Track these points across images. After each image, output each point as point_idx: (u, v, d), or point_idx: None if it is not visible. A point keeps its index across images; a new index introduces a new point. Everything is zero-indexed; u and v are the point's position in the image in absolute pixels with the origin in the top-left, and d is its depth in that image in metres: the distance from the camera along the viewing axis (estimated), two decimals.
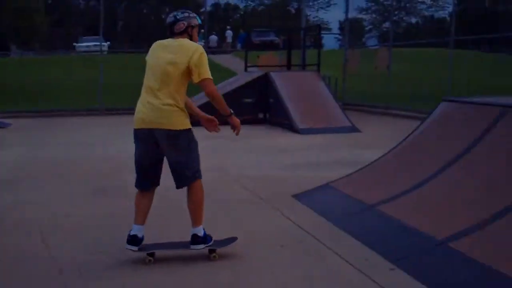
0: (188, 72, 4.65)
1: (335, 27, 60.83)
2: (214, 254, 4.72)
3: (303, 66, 17.75)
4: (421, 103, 15.59)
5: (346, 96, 19.89)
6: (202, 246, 4.68)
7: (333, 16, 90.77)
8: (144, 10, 68.33)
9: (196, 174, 4.68)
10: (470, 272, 4.18)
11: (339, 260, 4.66)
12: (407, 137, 7.01)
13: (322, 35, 17.45)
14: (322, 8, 58.59)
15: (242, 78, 16.94)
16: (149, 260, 4.64)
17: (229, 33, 39.23)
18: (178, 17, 4.74)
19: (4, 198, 7.02)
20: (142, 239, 4.69)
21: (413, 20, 56.97)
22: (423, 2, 53.84)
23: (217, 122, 5.12)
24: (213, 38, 37.41)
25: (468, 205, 4.98)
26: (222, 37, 40.77)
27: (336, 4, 55.08)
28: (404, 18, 55.47)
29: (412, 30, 54.97)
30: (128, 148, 5.63)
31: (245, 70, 18.39)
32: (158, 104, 4.57)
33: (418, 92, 18.65)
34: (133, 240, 4.64)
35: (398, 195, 5.74)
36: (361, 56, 20.74)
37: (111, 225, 5.68)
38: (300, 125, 13.31)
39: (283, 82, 15.06)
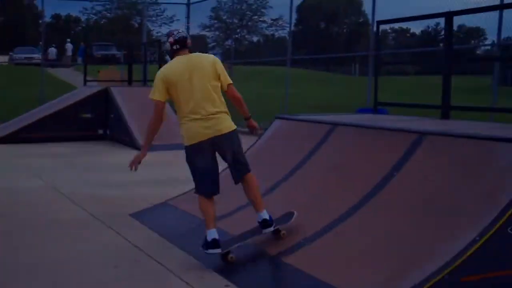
0: (218, 79, 5.03)
1: None
2: (283, 232, 5.05)
3: (144, 82, 17.58)
4: (261, 119, 16.01)
5: None
6: (272, 228, 5.01)
7: None
8: None
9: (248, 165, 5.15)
10: (300, 283, 4.31)
11: (175, 279, 4.61)
12: (244, 153, 7.12)
13: (164, 50, 17.45)
14: (165, 23, 58.56)
15: (81, 92, 16.44)
16: (231, 258, 4.81)
17: (69, 46, 37.95)
18: (186, 34, 5.15)
19: None
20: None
21: (255, 39, 58.59)
22: (264, 21, 55.58)
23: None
24: (52, 50, 36.08)
25: (299, 220, 5.15)
26: (62, 50, 39.35)
27: (179, 20, 55.32)
28: (246, 36, 56.91)
29: (254, 48, 56.56)
30: None
31: (84, 84, 17.88)
32: (212, 114, 4.93)
33: (259, 109, 19.15)
34: (215, 243, 4.79)
35: (235, 211, 5.81)
36: None
37: None
38: (141, 141, 13.10)
39: (124, 97, 14.79)
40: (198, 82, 4.91)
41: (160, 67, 16.28)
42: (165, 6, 55.26)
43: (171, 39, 5.03)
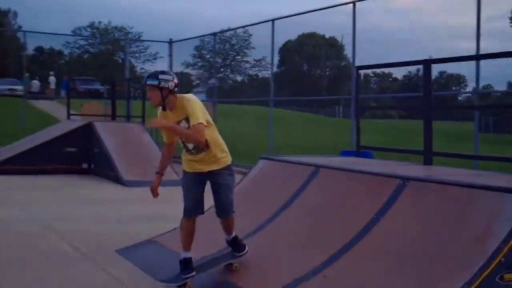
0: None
1: None
2: (235, 265, 5.51)
3: (128, 117, 17.68)
4: (245, 158, 16.14)
5: (176, 148, 19.99)
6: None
7: (161, 69, 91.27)
8: None
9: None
10: None
11: None
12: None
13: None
14: (148, 60, 58.84)
15: (65, 126, 16.49)
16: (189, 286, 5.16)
17: (52, 79, 37.96)
18: None
19: None
20: None
21: (239, 78, 58.97)
22: (247, 61, 56.02)
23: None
24: (35, 83, 36.06)
25: (285, 263, 5.22)
26: (45, 83, 39.31)
27: (163, 57, 55.64)
28: (229, 75, 57.27)
29: (238, 87, 56.91)
30: None
31: (68, 118, 17.93)
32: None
33: (242, 148, 19.29)
34: (188, 265, 5.24)
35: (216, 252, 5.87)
36: None
37: None
38: (126, 176, 13.17)
39: (107, 132, 14.88)
40: None
41: (144, 103, 16.48)
42: (148, 44, 55.73)
43: (175, 81, 5.17)
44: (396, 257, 4.60)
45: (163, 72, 5.21)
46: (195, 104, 5.11)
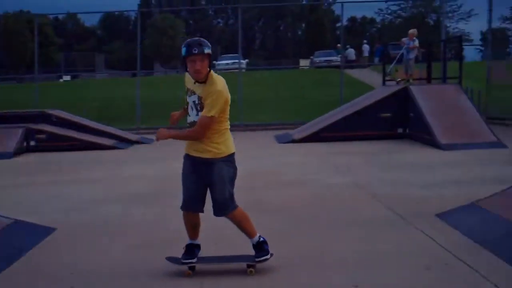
0: None
1: (476, 38, 58.38)
2: (250, 270, 4.85)
3: (444, 79, 17.11)
4: None
5: (491, 109, 18.95)
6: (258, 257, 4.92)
7: (474, 27, 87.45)
8: (281, 27, 69.44)
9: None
10: None
11: (490, 286, 4.33)
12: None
13: (463, 46, 16.75)
14: (462, 19, 56.68)
15: (380, 92, 16.66)
16: (188, 272, 4.88)
17: (365, 47, 38.78)
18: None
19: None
20: None
21: None
22: None
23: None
24: (351, 51, 37.10)
25: None
26: (359, 51, 40.35)
27: (477, 14, 53.03)
28: None
29: None
30: None
31: (383, 84, 18.08)
32: None
33: None
34: (191, 250, 4.95)
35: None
36: (507, 67, 19.73)
37: None
38: (442, 140, 12.78)
39: (423, 96, 14.59)
40: None
41: (461, 64, 15.81)
42: (462, 1, 53.56)
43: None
44: None
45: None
46: (219, 93, 4.63)
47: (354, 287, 4.41)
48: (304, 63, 43.29)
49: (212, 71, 4.71)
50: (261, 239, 4.92)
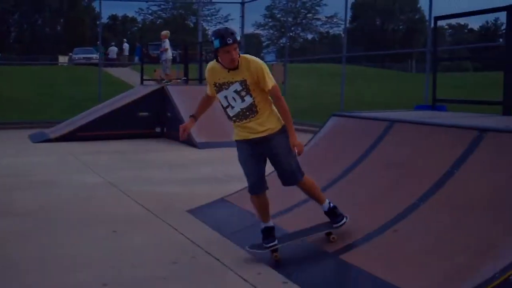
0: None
1: None
2: (332, 236, 5.02)
3: (200, 80, 17.74)
4: (317, 117, 15.96)
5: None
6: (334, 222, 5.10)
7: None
8: (39, 21, 66.29)
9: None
10: (359, 282, 4.27)
11: (233, 275, 4.63)
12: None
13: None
14: (220, 23, 59.00)
15: (138, 91, 16.72)
16: (276, 256, 4.90)
17: (126, 46, 38.65)
18: None
19: None
20: None
21: (309, 36, 58.36)
22: (318, 19, 55.34)
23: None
24: (113, 49, 36.69)
25: (356, 218, 5.10)
26: (119, 50, 40.04)
27: (234, 19, 55.69)
28: (300, 34, 56.81)
29: (309, 46, 56.33)
30: None
31: (141, 83, 18.19)
32: None
33: (314, 106, 19.08)
34: (269, 232, 4.97)
35: (290, 209, 5.80)
36: None
37: None
38: (198, 139, 13.24)
39: (180, 96, 14.96)
40: None
41: None
42: (220, 6, 55.76)
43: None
44: (472, 209, 4.40)
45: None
46: (264, 65, 4.74)
47: (103, 285, 4.41)
48: (63, 59, 41.91)
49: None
50: (331, 204, 5.05)
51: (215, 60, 4.82)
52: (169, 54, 16.97)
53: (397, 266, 4.23)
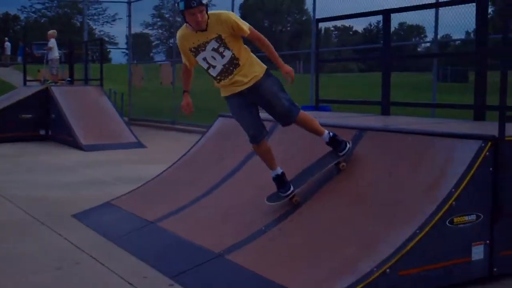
0: None
1: (122, 41, 60.24)
2: (342, 164, 5.04)
3: (86, 81, 17.34)
4: (206, 117, 15.98)
5: (132, 111, 19.81)
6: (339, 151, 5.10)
7: (120, 31, 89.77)
8: None
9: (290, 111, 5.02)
10: (246, 282, 4.34)
11: (118, 280, 4.57)
12: (187, 152, 7.14)
13: (108, 49, 17.14)
14: (107, 22, 57.85)
15: (21, 92, 16.11)
16: (296, 200, 4.94)
17: (7, 45, 37.11)
18: None
19: None
20: None
21: None
22: None
23: None
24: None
25: (242, 217, 5.18)
26: (0, 49, 38.41)
27: (121, 18, 54.67)
28: None
29: None
30: None
31: (24, 84, 17.53)
32: None
33: (204, 107, 19.08)
34: (281, 180, 5.00)
35: (178, 210, 5.80)
36: (147, 71, 20.80)
37: None
38: (84, 141, 12.94)
39: (65, 97, 14.55)
40: None
41: (102, 66, 16.11)
42: (107, 5, 54.59)
43: None
44: (352, 205, 4.60)
45: None
46: (231, 14, 4.75)
47: None
48: None
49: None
50: (331, 133, 5.03)
51: (184, 24, 4.75)
52: (56, 53, 16.46)
53: (281, 264, 4.32)
